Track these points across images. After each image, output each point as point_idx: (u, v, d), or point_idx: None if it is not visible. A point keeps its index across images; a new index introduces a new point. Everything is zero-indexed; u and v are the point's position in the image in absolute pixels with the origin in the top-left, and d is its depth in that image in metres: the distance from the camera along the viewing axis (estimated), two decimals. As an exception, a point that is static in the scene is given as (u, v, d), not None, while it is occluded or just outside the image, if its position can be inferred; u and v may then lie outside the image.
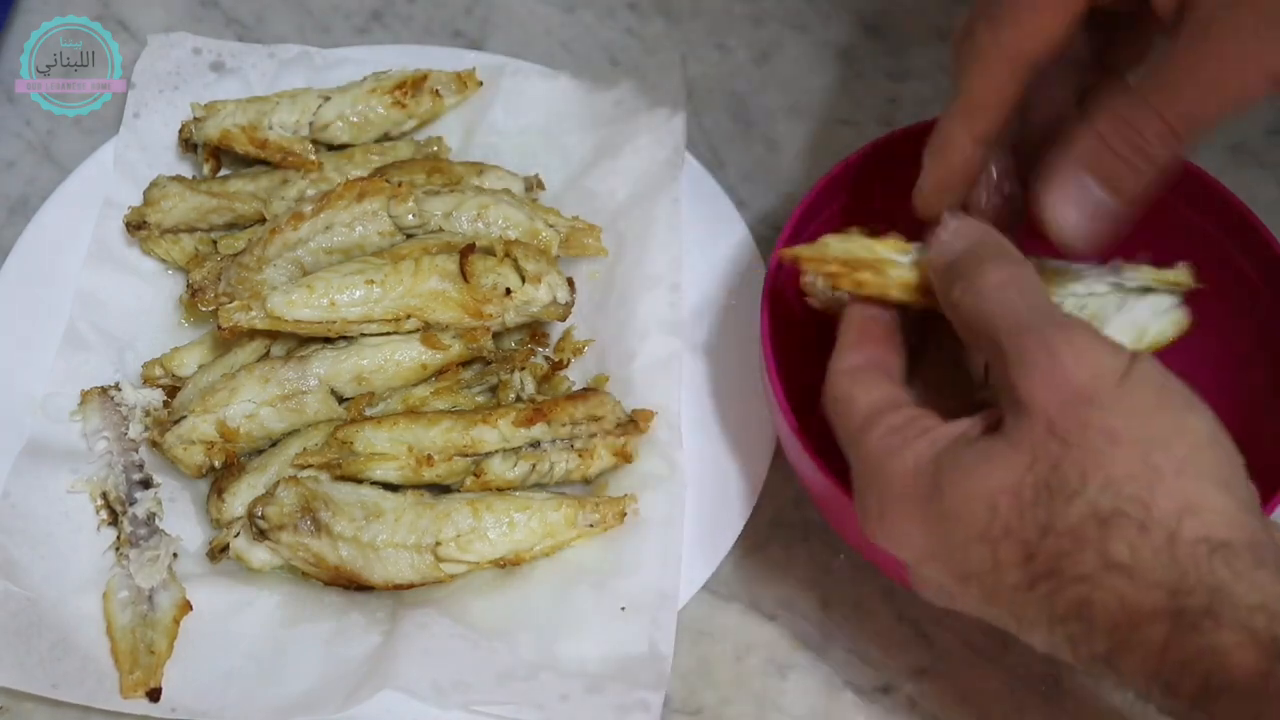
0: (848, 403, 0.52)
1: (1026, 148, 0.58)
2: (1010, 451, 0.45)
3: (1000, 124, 0.55)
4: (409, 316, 0.69)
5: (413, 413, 0.70)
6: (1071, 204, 0.53)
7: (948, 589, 0.48)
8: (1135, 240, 0.69)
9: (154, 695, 0.63)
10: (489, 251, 0.70)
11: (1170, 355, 0.57)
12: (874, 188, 0.69)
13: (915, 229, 0.59)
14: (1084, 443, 0.44)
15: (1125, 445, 0.44)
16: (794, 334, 0.69)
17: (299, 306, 0.69)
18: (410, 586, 0.66)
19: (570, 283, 0.76)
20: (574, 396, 0.70)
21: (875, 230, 0.58)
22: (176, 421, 0.69)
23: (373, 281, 0.69)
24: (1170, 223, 0.67)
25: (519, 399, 0.72)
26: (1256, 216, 0.65)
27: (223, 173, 0.81)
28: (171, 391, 0.72)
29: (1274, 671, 0.41)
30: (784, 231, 0.65)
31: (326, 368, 0.70)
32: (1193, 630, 0.42)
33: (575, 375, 0.75)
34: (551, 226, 0.74)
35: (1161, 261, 0.57)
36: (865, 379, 0.53)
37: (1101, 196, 0.52)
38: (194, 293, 0.73)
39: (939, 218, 0.55)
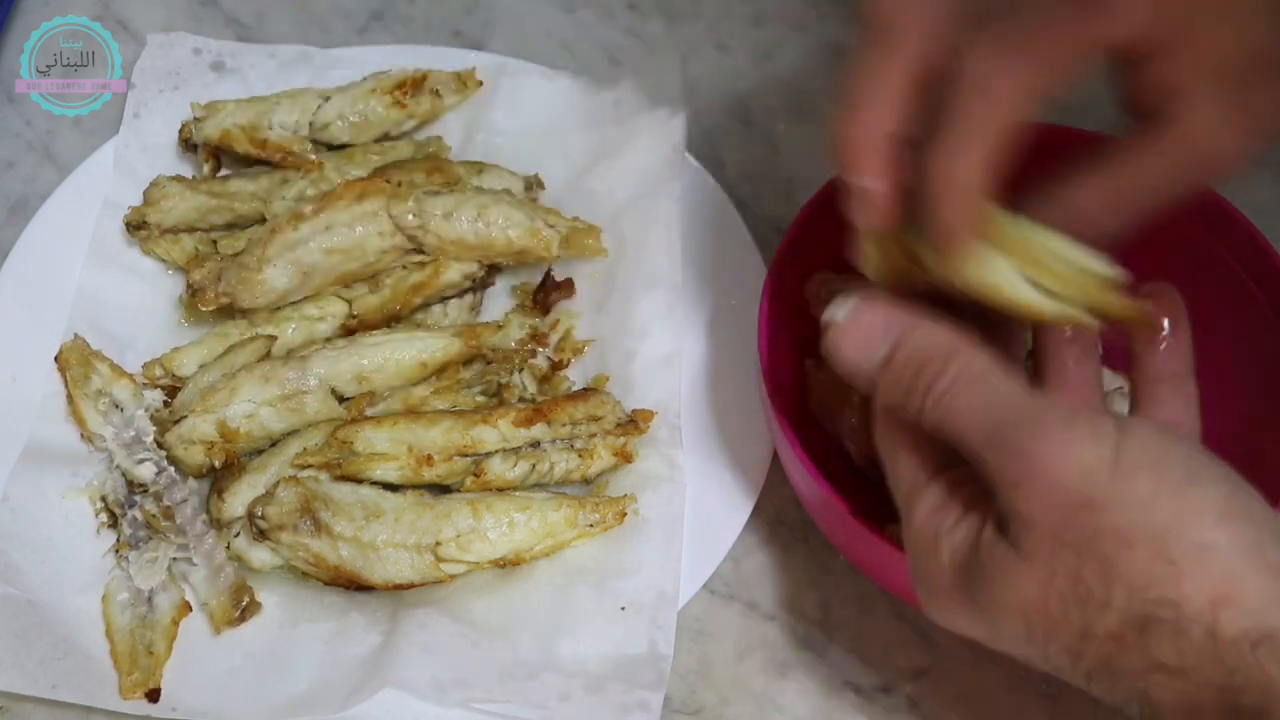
0: (893, 458, 0.50)
1: None
2: (1027, 567, 0.43)
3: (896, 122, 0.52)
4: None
5: (413, 413, 0.70)
6: None
7: (1014, 661, 0.48)
8: (1136, 256, 0.69)
9: (153, 696, 0.63)
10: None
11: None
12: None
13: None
14: (1096, 550, 0.42)
15: (1138, 545, 0.41)
16: (794, 341, 0.69)
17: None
18: (410, 586, 0.66)
19: (570, 283, 0.76)
20: (574, 396, 0.71)
21: None
22: (176, 421, 0.69)
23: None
24: (1171, 237, 0.67)
25: (522, 400, 0.72)
26: (1260, 231, 0.64)
27: (223, 173, 0.81)
28: (171, 391, 0.72)
29: None
30: (784, 241, 0.65)
31: (326, 368, 0.70)
32: None
33: (575, 375, 0.75)
34: (551, 226, 0.74)
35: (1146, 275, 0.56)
36: (906, 430, 0.49)
37: None
38: (194, 293, 0.73)
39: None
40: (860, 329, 0.49)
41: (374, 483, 0.68)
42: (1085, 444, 0.42)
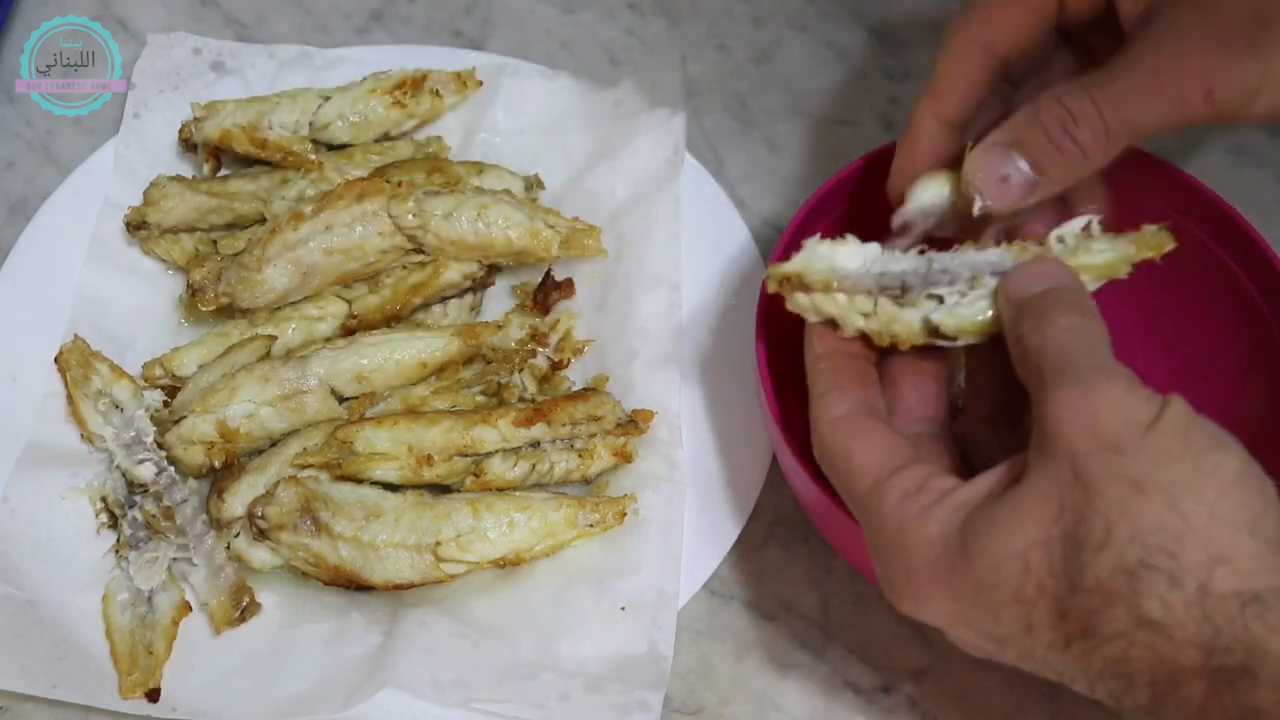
0: (846, 461, 0.51)
1: None
2: (1038, 503, 0.45)
3: (963, 108, 0.57)
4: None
5: (413, 413, 0.70)
6: (993, 172, 0.53)
7: (981, 649, 0.48)
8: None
9: (153, 696, 0.63)
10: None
11: (1166, 371, 0.56)
12: (874, 195, 0.69)
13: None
14: (1109, 491, 0.43)
15: (1151, 493, 0.43)
16: (793, 342, 0.69)
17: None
18: (410, 586, 0.66)
19: (570, 283, 0.76)
20: (574, 396, 0.71)
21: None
22: (176, 422, 0.69)
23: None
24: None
25: (522, 400, 0.72)
26: (1257, 231, 0.64)
27: (223, 173, 0.81)
28: (171, 391, 0.72)
29: None
30: (780, 243, 0.65)
31: (326, 368, 0.70)
32: (1230, 689, 0.41)
33: (575, 375, 0.75)
34: (551, 227, 0.74)
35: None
36: (860, 430, 0.52)
37: (1024, 170, 0.53)
38: (194, 293, 0.73)
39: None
40: (1046, 273, 0.52)
41: (374, 483, 0.68)
42: (1138, 401, 0.45)
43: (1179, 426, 0.44)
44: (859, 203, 0.69)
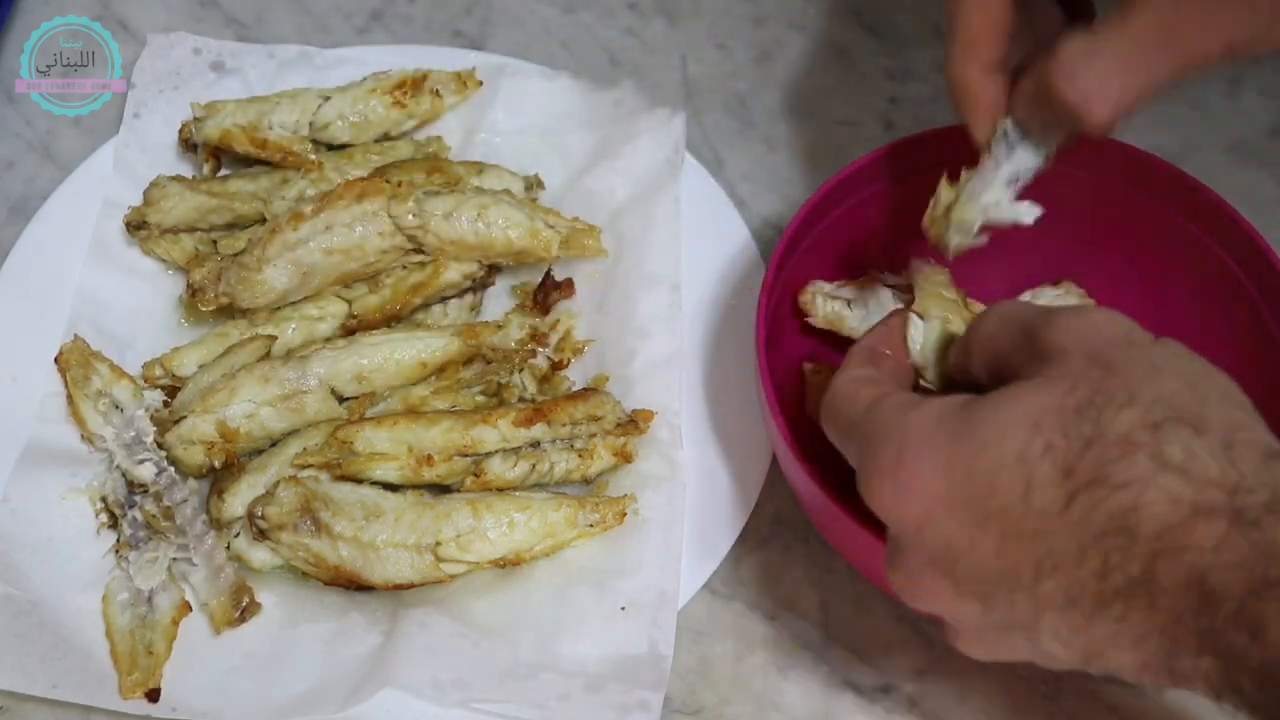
0: (851, 397, 0.52)
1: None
2: (1049, 382, 0.45)
3: (1000, 49, 0.56)
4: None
5: (413, 413, 0.70)
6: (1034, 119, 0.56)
7: (956, 544, 0.46)
8: (1137, 257, 0.69)
9: (153, 696, 0.63)
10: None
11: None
12: (875, 195, 0.69)
13: (918, 235, 0.59)
14: (1128, 370, 0.44)
15: (1169, 376, 0.44)
16: (792, 344, 0.69)
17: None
18: (410, 586, 0.66)
19: (570, 283, 0.76)
20: (574, 396, 0.71)
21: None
22: (176, 422, 0.69)
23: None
24: (1171, 237, 0.67)
25: (522, 400, 0.72)
26: (1254, 227, 0.64)
27: (223, 173, 0.81)
28: (171, 391, 0.72)
29: None
30: (780, 243, 0.65)
31: (326, 368, 0.70)
32: (1253, 527, 0.41)
33: (575, 375, 0.75)
34: (551, 227, 0.74)
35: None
36: (874, 380, 0.53)
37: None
38: (194, 293, 0.73)
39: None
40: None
41: (374, 483, 0.68)
42: (1135, 324, 0.47)
43: (1179, 347, 0.47)
44: (859, 203, 0.69)
